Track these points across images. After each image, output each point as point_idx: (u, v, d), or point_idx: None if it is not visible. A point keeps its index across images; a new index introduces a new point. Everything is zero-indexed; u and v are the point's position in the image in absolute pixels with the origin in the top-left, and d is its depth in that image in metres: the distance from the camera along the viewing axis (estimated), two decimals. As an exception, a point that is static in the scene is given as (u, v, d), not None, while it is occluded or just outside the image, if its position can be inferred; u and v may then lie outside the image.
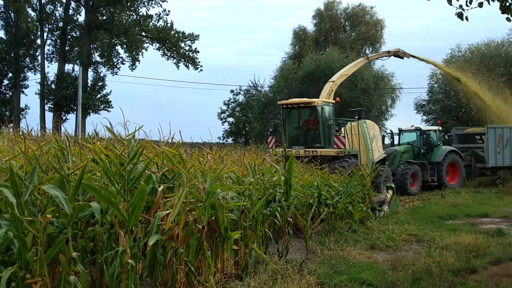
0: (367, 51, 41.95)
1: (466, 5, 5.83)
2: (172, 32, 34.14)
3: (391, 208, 12.46)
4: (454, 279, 6.68)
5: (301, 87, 34.06)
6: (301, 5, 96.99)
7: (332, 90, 18.07)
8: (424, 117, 36.33)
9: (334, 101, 16.92)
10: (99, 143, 6.59)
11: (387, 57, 22.99)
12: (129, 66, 34.37)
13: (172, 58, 35.09)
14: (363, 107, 33.35)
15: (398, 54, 21.99)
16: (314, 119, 16.20)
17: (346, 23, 45.67)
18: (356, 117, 17.03)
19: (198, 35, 34.80)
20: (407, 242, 9.40)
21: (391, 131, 24.28)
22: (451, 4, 5.86)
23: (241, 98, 42.68)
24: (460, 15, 5.94)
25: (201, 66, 35.30)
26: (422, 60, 23.84)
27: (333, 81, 18.62)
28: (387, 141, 23.21)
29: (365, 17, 44.26)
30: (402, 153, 20.41)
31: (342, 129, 15.83)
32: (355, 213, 10.14)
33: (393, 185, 13.71)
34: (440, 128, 22.69)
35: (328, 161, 14.17)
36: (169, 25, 34.32)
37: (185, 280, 5.37)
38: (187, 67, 35.22)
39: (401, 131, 22.59)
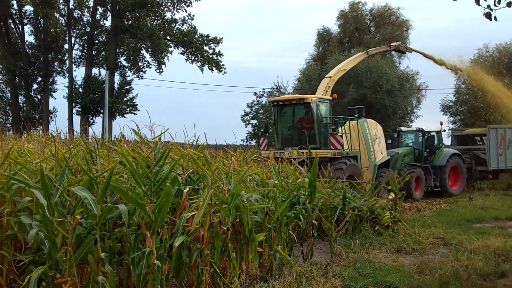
0: (392, 53, 41.46)
1: (495, 5, 5.73)
2: (196, 36, 34.41)
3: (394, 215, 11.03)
4: (483, 284, 6.56)
5: (326, 89, 33.88)
6: (321, 6, 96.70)
7: (329, 86, 16.88)
8: (451, 118, 35.73)
9: (331, 98, 15.64)
10: (125, 145, 6.71)
11: (388, 52, 22.19)
12: (155, 70, 34.79)
13: (196, 62, 35.38)
14: (388, 109, 33.04)
15: (400, 48, 21.17)
16: (309, 117, 14.91)
17: (371, 24, 45.27)
18: (356, 115, 15.89)
19: (222, 38, 35.00)
20: (434, 245, 9.25)
21: (389, 131, 22.84)
22: (479, 4, 5.77)
23: (264, 100, 42.68)
24: (488, 15, 5.83)
25: (225, 68, 35.52)
26: (426, 56, 22.79)
27: (330, 77, 17.37)
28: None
29: (391, 18, 43.79)
30: (403, 155, 18.92)
31: (340, 128, 14.62)
32: (383, 217, 9.95)
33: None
34: (443, 129, 21.14)
35: (324, 163, 12.90)
36: (193, 29, 34.62)
37: (210, 282, 5.41)
38: (211, 70, 35.45)
39: (400, 132, 20.98)
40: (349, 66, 19.36)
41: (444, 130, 20.94)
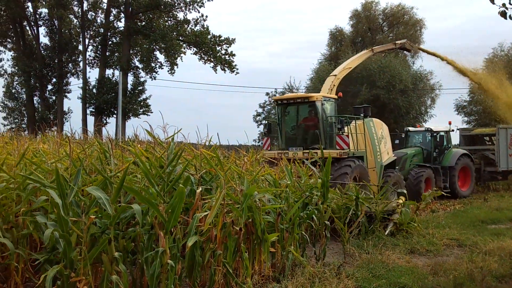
0: (405, 52, 41.17)
1: (510, 3, 5.67)
2: (209, 37, 34.52)
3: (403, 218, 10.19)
4: (498, 285, 6.48)
5: (338, 89, 33.76)
6: (331, 6, 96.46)
7: (334, 85, 16.39)
8: (465, 118, 35.37)
9: (336, 97, 15.08)
10: (139, 146, 6.76)
11: (394, 50, 21.70)
12: (168, 71, 34.96)
13: (209, 62, 35.50)
14: (402, 109, 32.79)
15: (405, 46, 20.58)
16: (313, 116, 14.40)
17: (384, 23, 45.03)
18: (362, 114, 15.34)
19: (234, 39, 35.07)
20: (448, 246, 9.17)
21: (396, 131, 22.44)
22: (493, 3, 5.71)
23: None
24: (503, 14, 5.77)
25: (237, 69, 35.58)
26: (432, 54, 22.28)
27: (335, 75, 16.83)
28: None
29: (404, 17, 43.51)
30: (412, 156, 18.46)
31: (346, 128, 14.12)
32: (404, 221, 9.85)
33: (405, 191, 11.17)
34: (452, 129, 20.48)
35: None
36: (205, 29, 34.74)
37: (223, 281, 5.42)
38: (224, 70, 35.54)
39: (408, 132, 20.43)
40: (354, 64, 18.79)
41: (453, 130, 20.42)
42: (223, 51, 35.10)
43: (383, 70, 32.58)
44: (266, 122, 15.47)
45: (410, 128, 20.83)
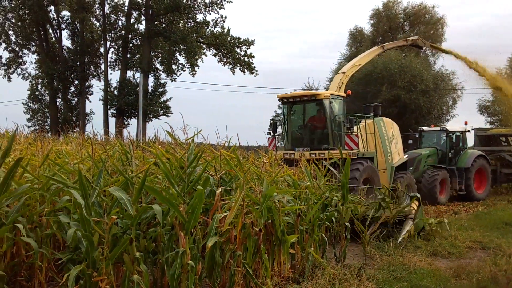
0: (427, 52, 40.66)
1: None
2: (228, 38, 34.66)
3: (416, 224, 9.35)
4: (523, 289, 6.35)
5: (358, 89, 33.52)
6: (349, 6, 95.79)
7: (342, 83, 15.69)
8: (489, 119, 34.74)
9: (345, 95, 14.53)
10: (159, 147, 6.82)
11: (405, 47, 21.10)
12: (189, 72, 35.22)
13: (228, 64, 35.63)
14: (423, 109, 32.36)
15: (417, 43, 19.99)
16: (321, 115, 13.81)
17: (405, 22, 44.55)
18: (372, 113, 14.85)
19: (253, 40, 35.15)
20: (471, 249, 9.02)
21: (410, 131, 21.80)
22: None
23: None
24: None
25: (257, 70, 35.63)
26: (446, 52, 21.80)
27: (344, 72, 16.14)
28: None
29: (425, 16, 42.99)
30: (427, 156, 17.80)
31: (355, 127, 13.51)
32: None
33: (418, 195, 10.14)
34: (468, 129, 19.77)
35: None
36: (225, 31, 34.89)
37: (243, 282, 5.43)
38: (243, 72, 35.64)
39: (422, 132, 19.79)
40: (364, 61, 18.18)
41: (469, 131, 19.80)
42: (242, 53, 35.21)
43: (404, 70, 32.21)
44: (271, 121, 14.71)
45: (425, 128, 20.28)
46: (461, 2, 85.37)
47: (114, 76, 54.82)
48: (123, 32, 36.24)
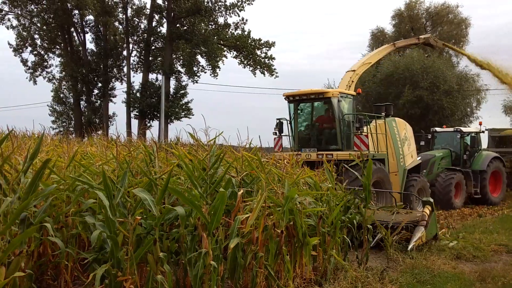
0: (450, 52, 40.05)
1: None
2: (249, 41, 34.76)
3: (428, 230, 8.69)
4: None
5: (379, 90, 33.22)
6: (372, 7, 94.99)
7: (352, 81, 15.07)
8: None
9: (354, 93, 13.99)
10: (182, 148, 6.89)
11: (417, 45, 20.52)
12: (210, 74, 35.47)
13: (248, 66, 35.73)
14: (446, 110, 31.87)
15: (429, 41, 19.56)
16: (329, 114, 13.21)
17: (428, 23, 43.98)
18: (383, 113, 14.21)
19: (274, 42, 35.15)
20: (496, 252, 8.86)
21: (422, 132, 21.01)
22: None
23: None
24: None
25: (277, 72, 35.63)
26: (459, 51, 21.26)
27: (354, 70, 15.50)
28: None
29: (449, 16, 42.36)
30: (440, 159, 17.15)
31: (366, 127, 12.88)
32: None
33: (431, 200, 9.55)
34: (482, 130, 19.09)
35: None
36: (246, 33, 35.00)
37: (265, 284, 5.43)
38: (263, 74, 35.68)
39: (435, 133, 19.15)
40: (375, 59, 17.65)
41: (483, 131, 19.12)
42: (262, 55, 35.26)
43: (427, 70, 31.78)
44: (277, 120, 13.89)
45: (437, 129, 19.64)
46: (487, 3, 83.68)
47: (137, 79, 55.42)
48: (145, 35, 36.70)
